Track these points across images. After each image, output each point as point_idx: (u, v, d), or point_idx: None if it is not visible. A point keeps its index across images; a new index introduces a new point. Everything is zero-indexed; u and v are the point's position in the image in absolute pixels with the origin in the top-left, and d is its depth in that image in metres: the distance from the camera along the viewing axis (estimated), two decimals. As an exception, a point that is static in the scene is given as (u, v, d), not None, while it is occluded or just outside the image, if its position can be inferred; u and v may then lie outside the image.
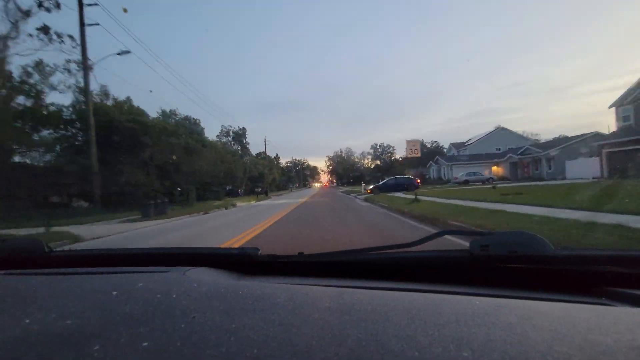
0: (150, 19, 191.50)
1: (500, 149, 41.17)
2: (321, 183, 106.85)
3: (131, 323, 0.51)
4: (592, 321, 0.48)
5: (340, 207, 13.86)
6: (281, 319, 0.51)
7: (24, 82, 15.42)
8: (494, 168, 36.16)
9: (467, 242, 0.83)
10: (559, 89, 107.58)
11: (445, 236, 0.95)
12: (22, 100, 15.45)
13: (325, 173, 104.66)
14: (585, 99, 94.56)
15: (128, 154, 15.41)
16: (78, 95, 17.24)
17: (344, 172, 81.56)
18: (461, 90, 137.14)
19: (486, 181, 30.21)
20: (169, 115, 29.38)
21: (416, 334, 0.44)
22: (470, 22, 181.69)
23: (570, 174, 26.52)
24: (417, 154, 12.27)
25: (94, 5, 15.36)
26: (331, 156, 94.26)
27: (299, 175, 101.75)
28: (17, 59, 17.94)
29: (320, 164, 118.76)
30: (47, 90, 16.36)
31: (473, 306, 0.55)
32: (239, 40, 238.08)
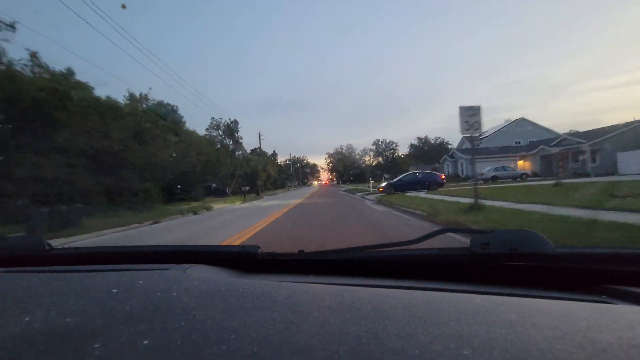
0: (150, 18, 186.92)
1: (520, 142, 36.34)
2: (321, 181, 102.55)
3: (131, 321, 0.51)
4: (593, 319, 0.48)
5: (347, 213, 9.51)
6: (281, 316, 0.51)
7: None
8: (519, 162, 31.22)
9: (467, 240, 0.81)
10: (559, 86, 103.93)
11: (445, 234, 0.95)
12: None
13: (325, 171, 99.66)
14: (585, 97, 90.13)
15: (33, 137, 10.59)
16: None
17: (344, 170, 76.75)
18: (461, 88, 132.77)
19: (519, 177, 25.38)
20: (139, 99, 24.54)
21: (416, 332, 0.44)
22: (470, 21, 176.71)
23: (624, 169, 21.76)
24: (477, 131, 7.51)
25: None
26: (331, 153, 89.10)
27: (298, 173, 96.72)
28: None
29: (320, 162, 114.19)
30: None
31: (473, 304, 0.55)
32: (238, 40, 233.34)
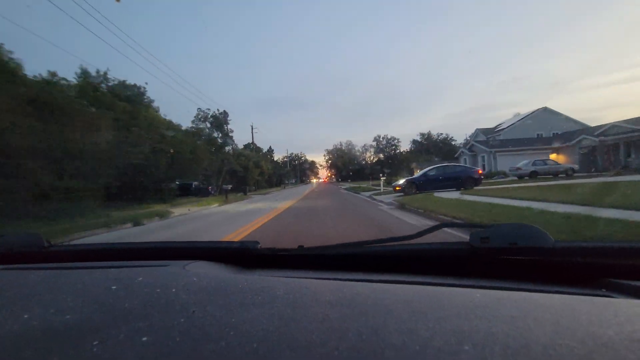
0: (150, 18, 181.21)
1: (542, 135, 31.91)
2: (319, 179, 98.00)
3: (130, 318, 0.51)
4: (593, 313, 0.48)
5: (360, 230, 4.90)
6: (281, 312, 0.51)
7: None
8: (552, 156, 26.68)
9: (467, 235, 0.80)
10: (559, 83, 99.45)
11: (445, 229, 0.86)
12: None
13: (324, 168, 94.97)
14: (585, 93, 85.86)
15: None
16: None
17: (343, 166, 72.19)
18: (461, 85, 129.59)
19: (563, 173, 20.86)
20: (95, 77, 19.92)
21: (417, 327, 0.44)
22: (470, 19, 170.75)
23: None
24: None
25: None
26: (330, 150, 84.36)
27: (296, 170, 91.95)
28: None
29: (319, 159, 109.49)
30: None
31: (474, 299, 0.55)
32: (238, 38, 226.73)
